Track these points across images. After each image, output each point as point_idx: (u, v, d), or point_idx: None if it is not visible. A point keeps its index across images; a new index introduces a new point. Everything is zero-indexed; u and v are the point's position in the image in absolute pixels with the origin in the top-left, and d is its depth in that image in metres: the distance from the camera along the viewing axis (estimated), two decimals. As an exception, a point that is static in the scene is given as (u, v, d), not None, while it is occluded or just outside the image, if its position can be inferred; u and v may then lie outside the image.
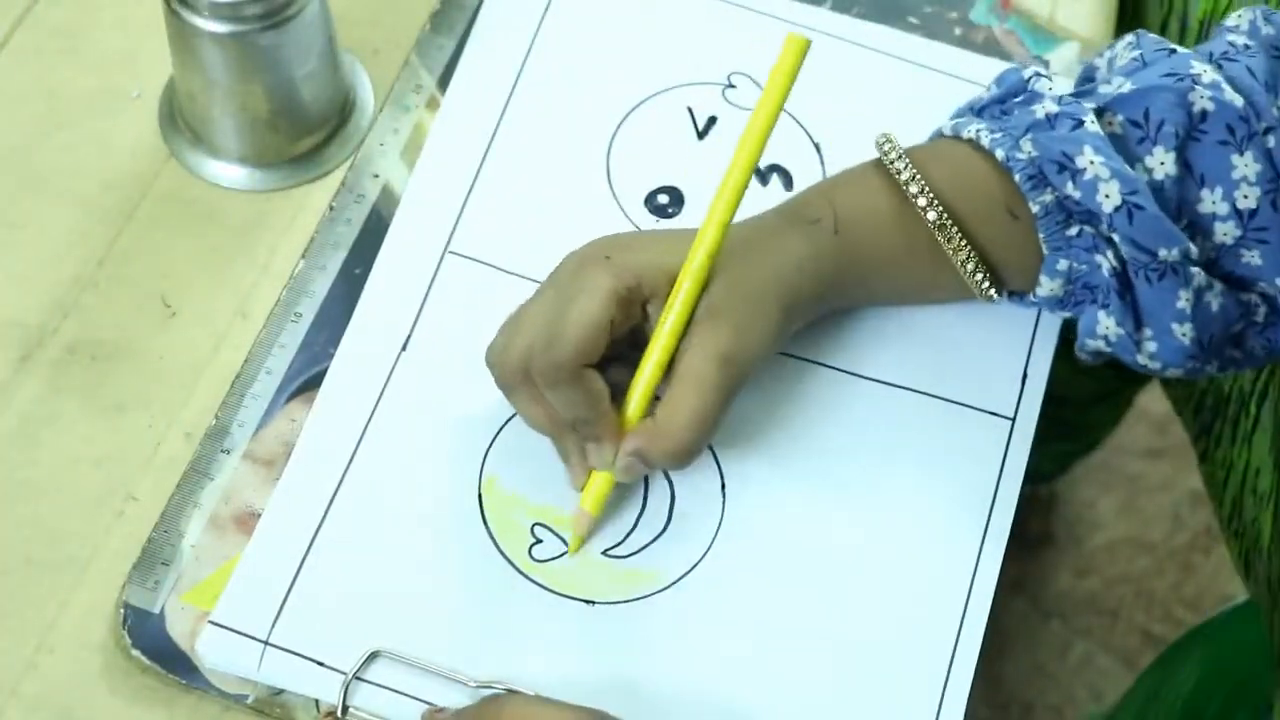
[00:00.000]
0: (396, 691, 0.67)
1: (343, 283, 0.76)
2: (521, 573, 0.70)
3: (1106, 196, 0.66)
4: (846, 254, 0.71)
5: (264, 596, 0.68)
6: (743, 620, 0.69)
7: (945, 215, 0.69)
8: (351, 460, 0.71)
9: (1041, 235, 0.69)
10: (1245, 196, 0.67)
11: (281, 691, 0.67)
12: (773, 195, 0.79)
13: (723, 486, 0.72)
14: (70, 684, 0.67)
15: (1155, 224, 0.66)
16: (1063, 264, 0.69)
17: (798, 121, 0.82)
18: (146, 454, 0.72)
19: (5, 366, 0.73)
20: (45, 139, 0.79)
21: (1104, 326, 0.70)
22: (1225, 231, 0.68)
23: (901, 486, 0.72)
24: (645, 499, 0.72)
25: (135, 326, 0.74)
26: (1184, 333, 0.68)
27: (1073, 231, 0.69)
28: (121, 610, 0.68)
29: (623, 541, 0.71)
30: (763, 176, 0.80)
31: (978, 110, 0.73)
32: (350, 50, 0.82)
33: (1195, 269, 0.67)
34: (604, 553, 0.70)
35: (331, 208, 0.78)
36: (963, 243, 0.70)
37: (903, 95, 0.83)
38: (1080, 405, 1.25)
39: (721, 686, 0.68)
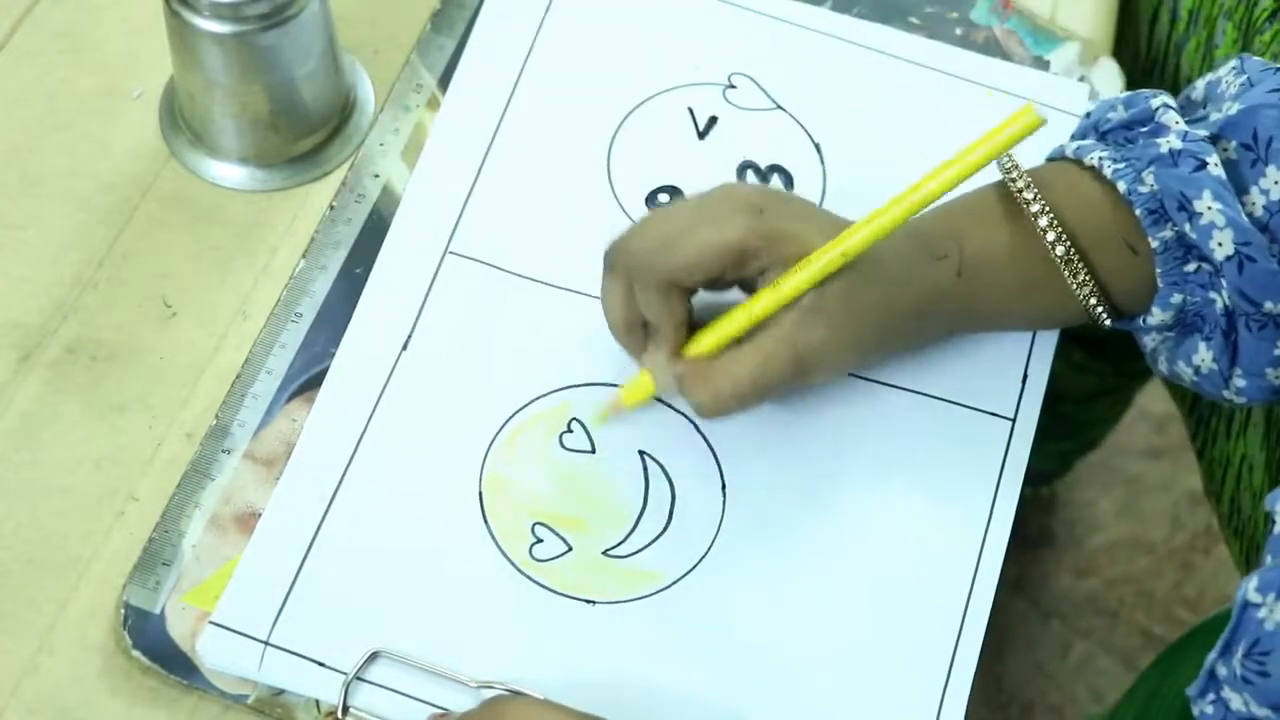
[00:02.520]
0: (397, 692, 0.67)
1: (343, 283, 0.76)
2: (522, 573, 0.70)
3: (1219, 245, 0.66)
4: (967, 296, 0.70)
5: (264, 597, 0.68)
6: (743, 620, 0.69)
7: (1072, 250, 0.69)
8: (351, 460, 0.71)
9: (1159, 270, 0.68)
10: None
11: (282, 692, 0.67)
12: (773, 195, 0.79)
13: (723, 486, 0.72)
14: (70, 684, 0.67)
15: (1265, 278, 0.66)
16: (1176, 297, 0.69)
17: (798, 121, 0.82)
18: (147, 454, 0.72)
19: (5, 366, 0.73)
20: (45, 139, 0.79)
21: (1200, 358, 0.69)
22: None
23: (902, 487, 0.72)
24: (646, 499, 0.72)
25: (135, 326, 0.74)
26: (1276, 375, 0.68)
27: (1190, 268, 0.68)
28: (122, 610, 0.68)
29: (623, 541, 0.71)
30: (763, 176, 0.80)
31: (1101, 133, 0.72)
32: (350, 50, 0.82)
33: None
34: (605, 552, 0.70)
35: (332, 208, 0.78)
36: (1087, 277, 0.69)
37: (903, 95, 0.83)
38: (1080, 401, 1.25)
39: (722, 686, 0.68)
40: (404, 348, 0.74)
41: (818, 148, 0.81)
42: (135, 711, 0.66)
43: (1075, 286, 0.69)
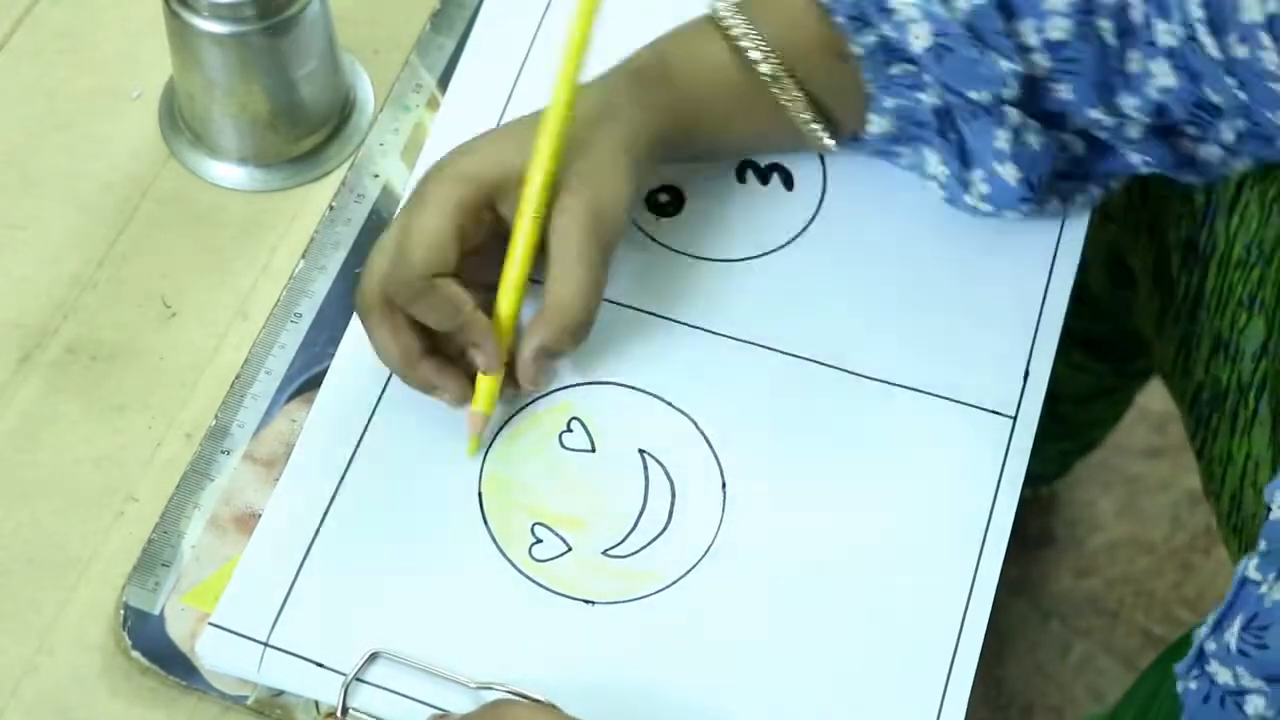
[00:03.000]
0: (396, 692, 0.66)
1: (343, 283, 0.76)
2: (521, 573, 0.70)
3: (917, 38, 0.68)
4: (682, 110, 0.72)
5: (264, 597, 0.68)
6: (742, 620, 0.69)
7: (779, 67, 0.70)
8: (351, 460, 0.71)
9: (867, 77, 0.70)
10: (1056, 29, 0.68)
11: (281, 693, 0.67)
12: (773, 194, 0.79)
13: (723, 486, 0.72)
14: (70, 685, 0.67)
15: (965, 66, 0.68)
16: (889, 101, 0.71)
17: (798, 121, 0.82)
18: (146, 454, 0.71)
19: (5, 367, 0.73)
20: (45, 139, 0.79)
21: (932, 165, 0.72)
22: (1036, 64, 0.69)
23: (902, 485, 0.72)
24: (646, 498, 0.72)
25: (135, 326, 0.74)
26: (1008, 173, 0.70)
27: (895, 70, 0.70)
28: (121, 611, 0.68)
29: (623, 541, 0.71)
30: (763, 175, 0.80)
31: None
32: (350, 50, 0.82)
33: (1010, 109, 0.69)
34: (604, 553, 0.70)
35: (331, 207, 0.78)
36: (797, 93, 0.71)
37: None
38: (1079, 401, 1.25)
39: (721, 686, 0.68)
40: (404, 348, 0.74)
41: (818, 147, 0.81)
42: (134, 712, 0.66)
43: (788, 104, 0.71)
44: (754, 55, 0.70)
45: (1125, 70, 0.69)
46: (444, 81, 0.82)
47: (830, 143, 0.73)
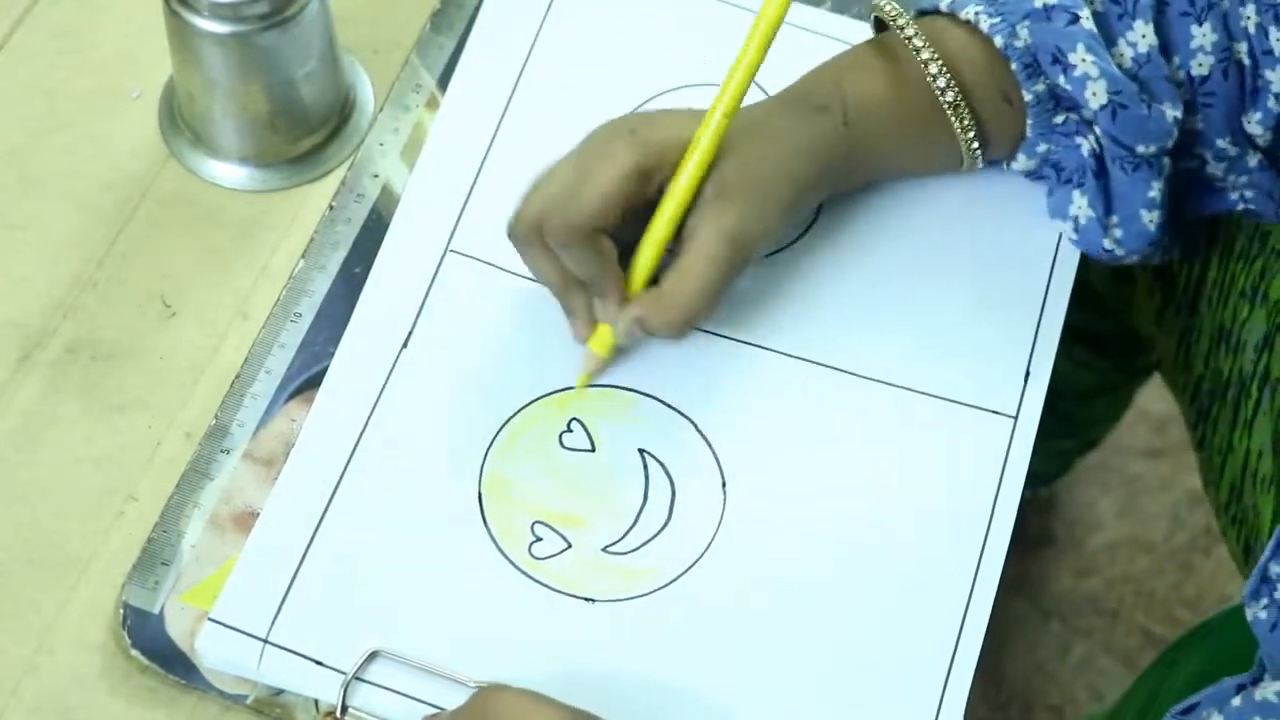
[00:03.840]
0: (396, 691, 0.66)
1: (342, 282, 0.76)
2: (522, 571, 0.70)
3: (1094, 95, 0.70)
4: (854, 143, 0.73)
5: (263, 594, 0.68)
6: (743, 618, 0.69)
7: (960, 95, 0.72)
8: (351, 460, 0.71)
9: (1030, 121, 0.73)
10: (1199, 65, 0.71)
11: (281, 691, 0.67)
12: (773, 195, 0.79)
13: (723, 484, 0.72)
14: (70, 684, 0.67)
15: (1136, 123, 0.70)
16: (1042, 146, 0.73)
17: (798, 121, 0.82)
18: (146, 454, 0.72)
19: (5, 366, 0.73)
20: (45, 139, 0.79)
21: (1077, 207, 0.74)
22: (1181, 96, 0.71)
23: (903, 485, 0.72)
24: (646, 496, 0.72)
25: (135, 326, 0.74)
26: (1151, 219, 0.72)
27: (1059, 119, 0.72)
28: (121, 610, 0.68)
29: (623, 538, 0.71)
30: (763, 176, 0.80)
31: None
32: (350, 50, 0.82)
33: (1168, 160, 0.71)
34: (604, 550, 0.70)
35: (331, 207, 0.78)
36: (971, 121, 0.73)
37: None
38: (1081, 398, 1.25)
39: (721, 684, 0.68)
40: (404, 347, 0.74)
41: (817, 147, 0.81)
42: (134, 711, 0.66)
43: (961, 130, 0.73)
44: (940, 82, 0.72)
45: (1255, 87, 0.71)
46: (444, 81, 0.82)
47: (981, 164, 0.76)
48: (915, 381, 0.75)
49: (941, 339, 0.75)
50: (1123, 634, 1.43)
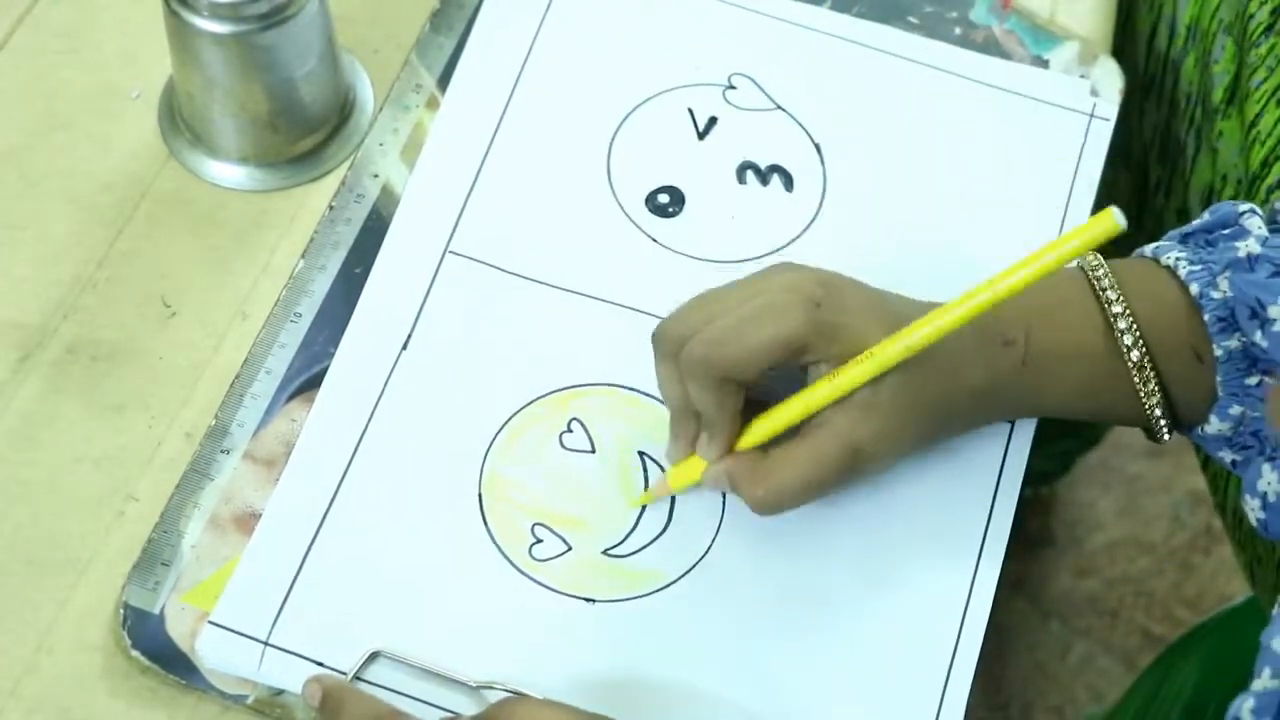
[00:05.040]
0: (396, 692, 0.66)
1: (343, 282, 0.76)
2: (522, 572, 0.70)
3: None
4: (1029, 386, 0.69)
5: (264, 597, 0.68)
6: (743, 619, 0.69)
7: (1146, 356, 0.67)
8: (351, 460, 0.71)
9: (1220, 379, 0.67)
10: None
11: (281, 692, 0.67)
12: (774, 195, 0.79)
13: (723, 486, 0.72)
14: (70, 684, 0.67)
15: None
16: (1236, 409, 0.67)
17: (798, 121, 0.82)
18: (146, 454, 0.71)
19: (5, 366, 0.73)
20: (45, 139, 0.79)
21: (1266, 481, 0.66)
22: None
23: (902, 485, 0.72)
24: (645, 499, 0.72)
25: (135, 326, 0.74)
26: None
27: (1252, 381, 0.66)
28: (121, 611, 0.68)
29: (623, 540, 0.71)
30: (763, 176, 0.80)
31: (1184, 235, 0.70)
32: (350, 50, 0.82)
33: None
34: (604, 552, 0.70)
35: (331, 207, 0.78)
36: (1156, 385, 0.68)
37: (903, 95, 0.83)
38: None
39: (722, 685, 0.68)
40: (404, 347, 0.74)
41: (818, 148, 0.81)
42: (134, 711, 0.66)
43: (1144, 395, 0.68)
44: (1127, 340, 0.67)
45: None
46: (444, 81, 0.82)
47: (1166, 436, 0.69)
48: (915, 382, 0.75)
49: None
50: (1123, 634, 1.43)
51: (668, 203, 0.79)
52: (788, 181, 0.80)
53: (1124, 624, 1.43)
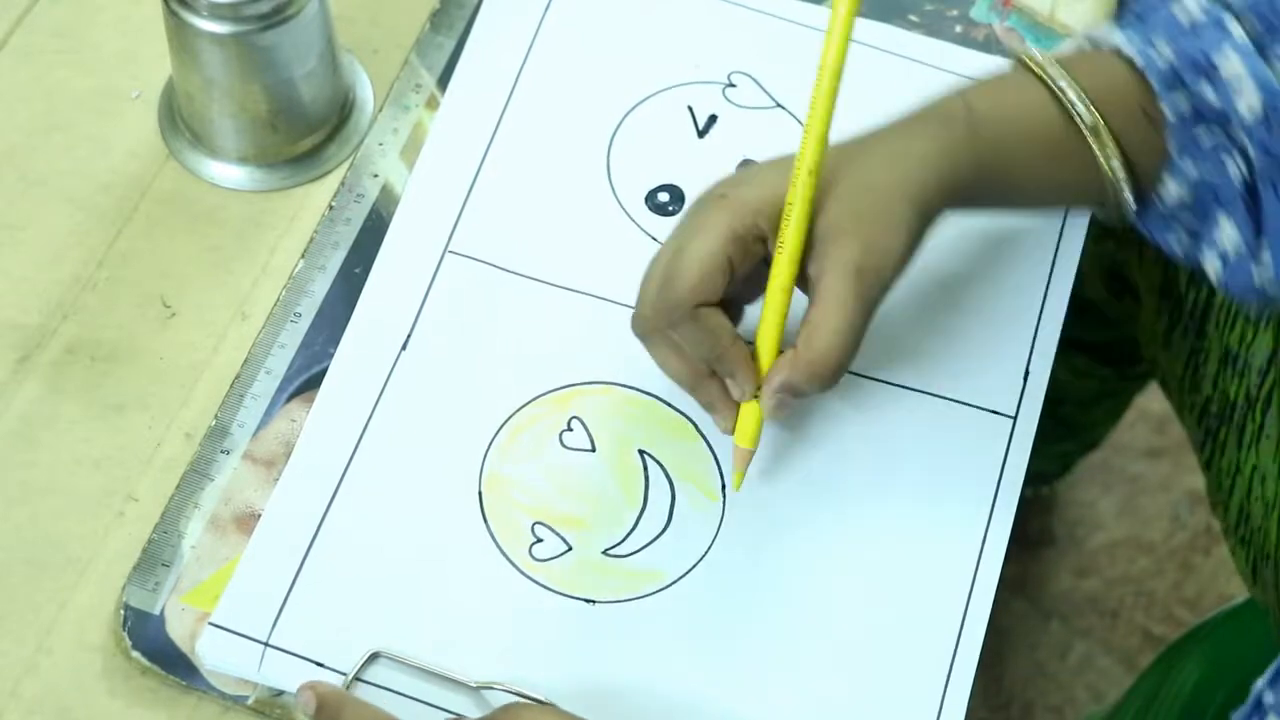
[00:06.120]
0: (396, 693, 0.66)
1: (342, 282, 0.76)
2: (522, 572, 0.70)
3: (1250, 108, 0.64)
4: (982, 157, 0.68)
5: (264, 598, 0.68)
6: (743, 619, 0.69)
7: (1099, 118, 0.67)
8: (351, 460, 0.71)
9: (1172, 139, 0.67)
10: None
11: (281, 693, 0.67)
12: (773, 195, 0.79)
13: (723, 486, 0.72)
14: (70, 685, 0.66)
15: None
16: (1191, 168, 0.67)
17: (798, 120, 0.82)
18: (146, 454, 0.71)
19: (5, 367, 0.73)
20: (45, 139, 0.79)
21: (1226, 236, 0.67)
22: None
23: (902, 485, 0.72)
24: (646, 498, 0.72)
25: (135, 326, 0.74)
26: None
27: (1202, 135, 0.66)
28: (121, 611, 0.68)
29: (623, 541, 0.71)
30: (763, 176, 0.80)
31: (1115, 20, 0.70)
32: (350, 50, 0.82)
33: None
34: (604, 552, 0.70)
35: (331, 207, 0.78)
36: (1113, 146, 0.67)
37: (903, 93, 0.83)
38: (1081, 404, 1.25)
39: (721, 686, 0.68)
40: (403, 347, 0.74)
41: (817, 147, 0.81)
42: (134, 712, 0.66)
43: (1104, 158, 0.68)
44: (1077, 105, 0.67)
45: None
46: (444, 81, 0.82)
47: (1132, 204, 0.69)
48: (915, 381, 0.75)
49: (941, 338, 0.75)
50: (1123, 634, 1.43)
51: (668, 201, 0.79)
52: (788, 181, 0.80)
53: (1124, 624, 1.44)
